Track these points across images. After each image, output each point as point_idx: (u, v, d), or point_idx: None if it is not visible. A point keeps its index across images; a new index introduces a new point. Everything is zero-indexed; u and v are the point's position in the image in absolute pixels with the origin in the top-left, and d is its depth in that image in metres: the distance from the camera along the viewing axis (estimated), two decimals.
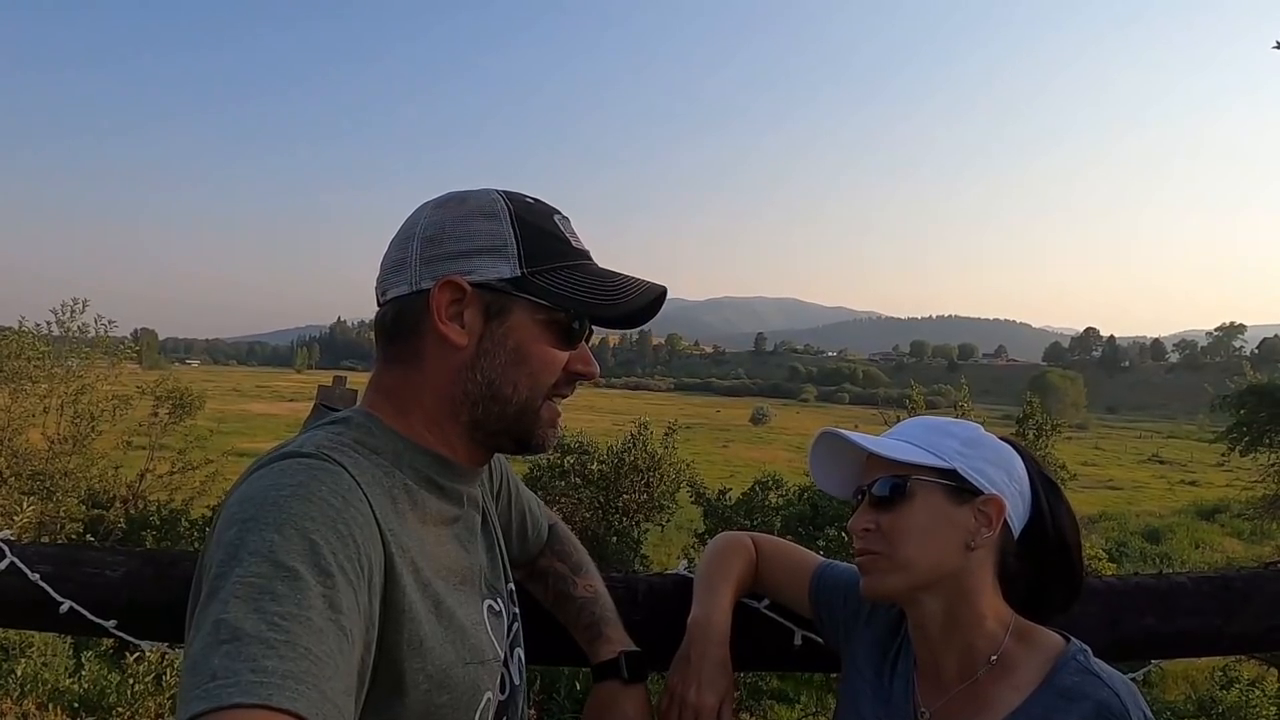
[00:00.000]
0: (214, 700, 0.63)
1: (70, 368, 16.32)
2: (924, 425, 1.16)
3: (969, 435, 1.13)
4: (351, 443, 0.93)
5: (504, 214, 0.99)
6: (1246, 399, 21.74)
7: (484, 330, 0.98)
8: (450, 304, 0.97)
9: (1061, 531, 1.13)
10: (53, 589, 1.40)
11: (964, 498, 1.08)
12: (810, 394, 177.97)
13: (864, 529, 1.12)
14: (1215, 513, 31.07)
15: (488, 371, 0.99)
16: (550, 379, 1.02)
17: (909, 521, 1.08)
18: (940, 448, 1.10)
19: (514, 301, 0.98)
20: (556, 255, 1.01)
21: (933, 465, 1.09)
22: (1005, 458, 1.12)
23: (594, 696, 1.22)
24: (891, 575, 1.09)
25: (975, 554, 1.08)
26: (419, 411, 1.00)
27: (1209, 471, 43.52)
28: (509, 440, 1.04)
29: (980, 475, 1.09)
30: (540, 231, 1.01)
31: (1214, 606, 1.38)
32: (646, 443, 15.89)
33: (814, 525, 12.29)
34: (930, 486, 1.09)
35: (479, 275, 0.97)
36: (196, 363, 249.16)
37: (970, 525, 1.07)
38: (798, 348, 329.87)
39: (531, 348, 0.99)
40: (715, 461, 40.60)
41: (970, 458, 1.10)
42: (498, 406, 1.00)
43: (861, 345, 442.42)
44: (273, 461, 0.87)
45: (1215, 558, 24.50)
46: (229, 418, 55.24)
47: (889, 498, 1.10)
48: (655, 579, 1.45)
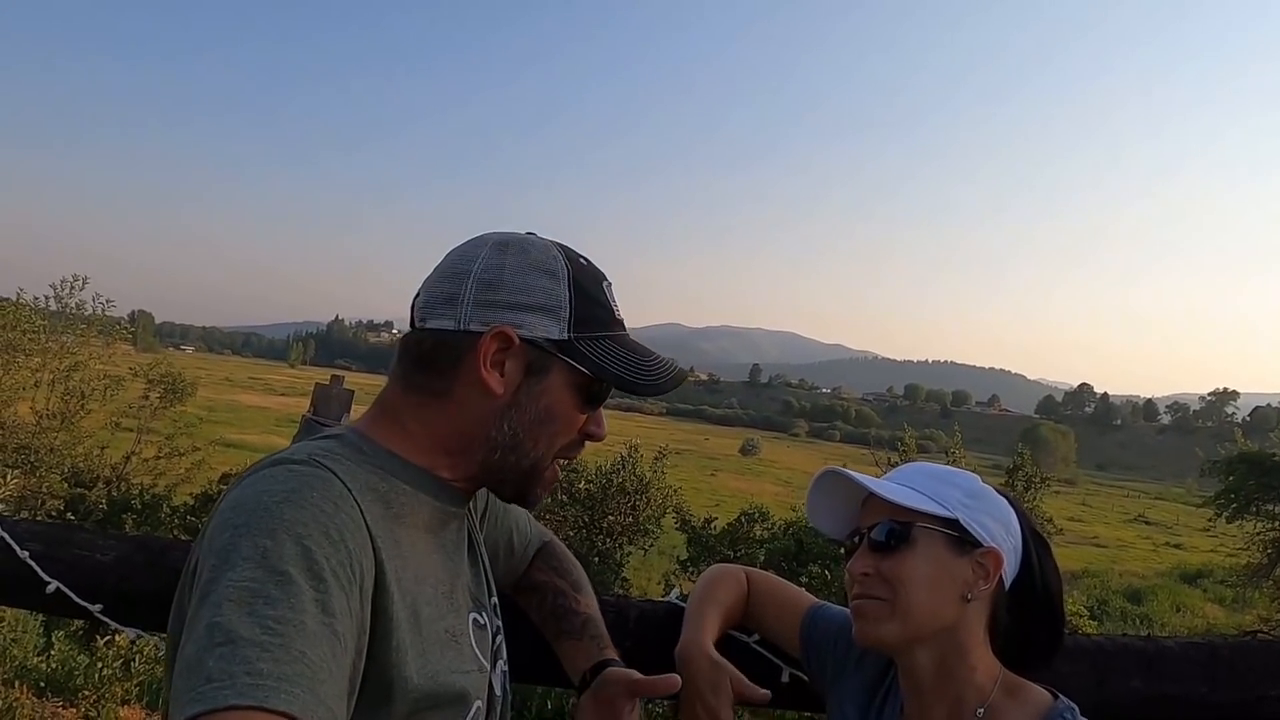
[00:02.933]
0: (209, 702, 0.63)
1: (65, 343, 16.31)
2: (927, 473, 1.14)
3: (971, 487, 1.12)
4: (346, 452, 0.94)
5: (563, 275, 1.01)
6: (1236, 466, 21.79)
7: (522, 384, 0.99)
8: (496, 352, 0.98)
9: (1048, 586, 1.13)
10: (41, 568, 1.39)
11: (964, 549, 1.07)
12: (802, 429, 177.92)
13: (863, 573, 1.10)
14: (1198, 577, 31.07)
15: (515, 424, 1.00)
16: (567, 439, 1.04)
17: (910, 569, 1.06)
18: (944, 497, 1.09)
19: (555, 362, 1.00)
20: (601, 324, 1.03)
21: (936, 514, 1.08)
22: (1003, 512, 1.12)
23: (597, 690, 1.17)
24: (889, 623, 1.07)
25: (970, 606, 1.07)
26: (426, 438, 1.01)
27: (1194, 535, 43.56)
28: (510, 489, 1.06)
29: (981, 528, 1.08)
30: (591, 299, 1.02)
31: (1200, 673, 1.37)
32: (635, 466, 15.89)
33: (798, 561, 12.27)
34: (932, 535, 1.07)
35: (529, 331, 0.98)
36: (191, 349, 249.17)
37: (969, 577, 1.07)
38: (792, 382, 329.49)
39: (559, 408, 1.01)
40: (702, 490, 40.49)
41: (973, 509, 1.09)
42: (514, 458, 1.01)
43: (856, 384, 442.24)
44: (265, 468, 0.87)
45: (1196, 622, 24.46)
46: (219, 406, 55.18)
47: (889, 543, 1.08)
48: (647, 605, 1.44)
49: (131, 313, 46.39)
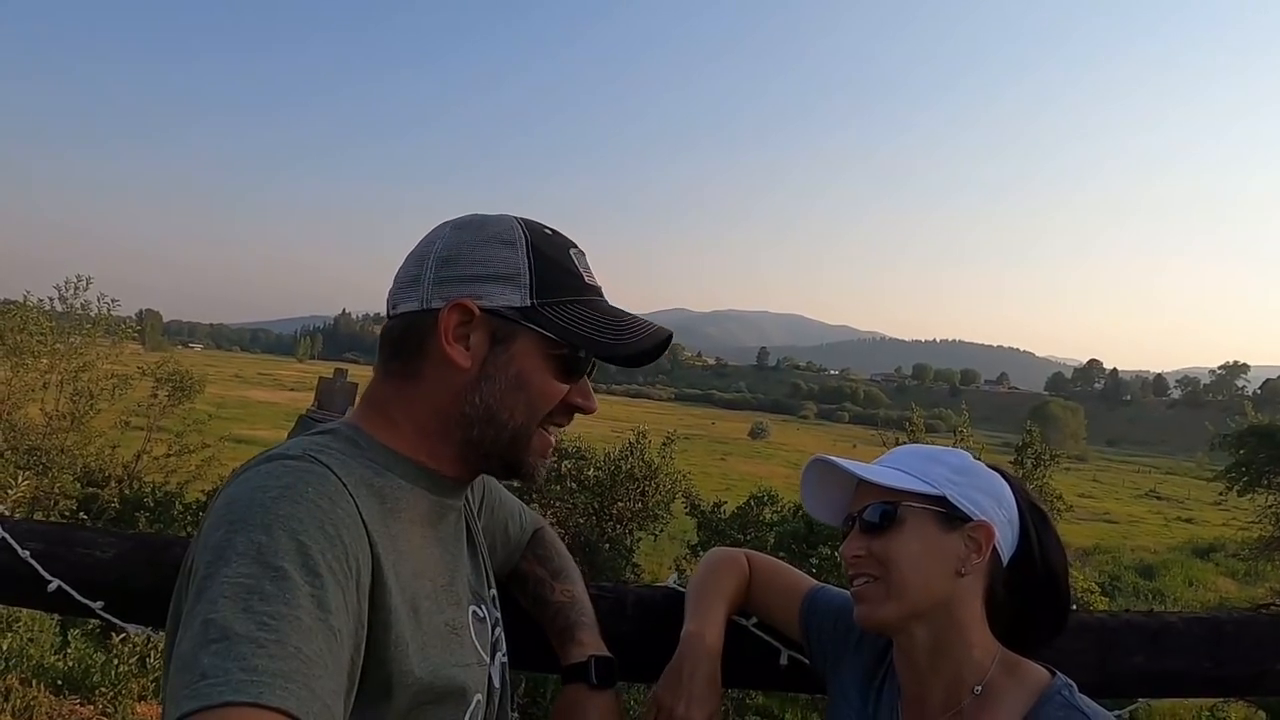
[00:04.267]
0: (204, 699, 0.63)
1: (72, 344, 16.37)
2: (915, 453, 1.16)
3: (959, 463, 1.14)
4: (340, 446, 0.94)
5: (521, 243, 1.00)
6: (1247, 439, 21.77)
7: (488, 355, 0.99)
8: (458, 326, 0.98)
9: (1049, 561, 1.12)
10: (42, 567, 1.40)
11: (954, 524, 1.08)
12: (810, 411, 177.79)
13: (855, 555, 1.12)
14: (1210, 551, 30.96)
15: (487, 396, 0.99)
16: (547, 408, 1.03)
17: (900, 547, 1.08)
18: (930, 475, 1.11)
19: (520, 330, 0.99)
20: (568, 289, 1.02)
21: (922, 492, 1.09)
22: (994, 486, 1.13)
23: (560, 700, 1.21)
24: (886, 604, 1.08)
25: (965, 581, 1.07)
26: (410, 425, 1.01)
27: (1206, 510, 43.41)
28: (500, 465, 1.05)
29: (970, 502, 1.09)
30: (554, 264, 1.02)
31: (1205, 648, 1.37)
32: (644, 451, 15.89)
33: (808, 544, 12.27)
34: (920, 513, 1.09)
35: (489, 301, 0.98)
36: (199, 346, 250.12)
37: (960, 551, 1.07)
38: (800, 364, 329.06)
39: (532, 377, 1.00)
40: (711, 474, 40.52)
41: (960, 485, 1.10)
42: (493, 431, 1.01)
43: (864, 365, 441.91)
44: (259, 464, 0.87)
45: (1209, 596, 24.42)
46: (229, 403, 55.33)
47: (879, 524, 1.10)
48: (644, 591, 1.44)
49: (139, 311, 46.56)
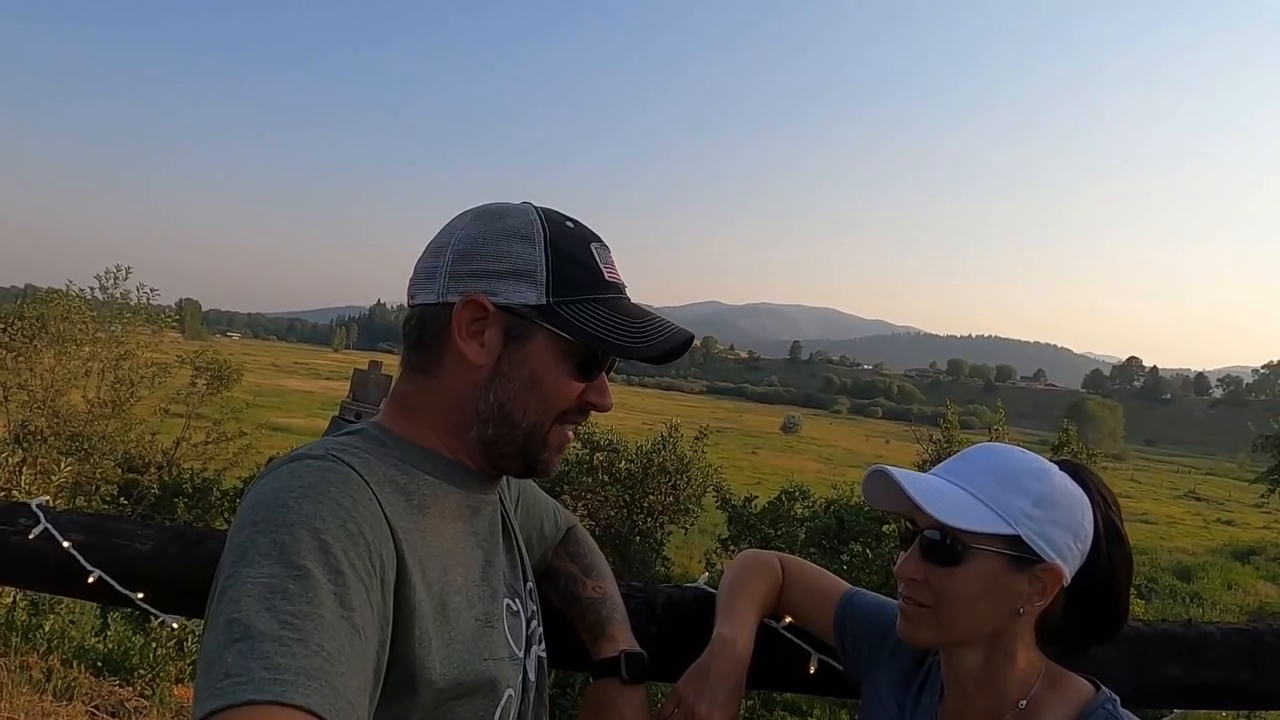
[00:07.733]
0: (228, 698, 0.64)
1: (113, 333, 16.67)
2: (995, 472, 1.04)
3: (1041, 493, 1.01)
4: (364, 446, 0.95)
5: (539, 238, 0.99)
6: None
7: (503, 353, 0.98)
8: (472, 322, 0.97)
9: (1114, 581, 1.06)
10: (83, 557, 1.43)
11: (1023, 565, 1.00)
12: (843, 406, 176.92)
13: (910, 578, 1.06)
14: (1250, 554, 30.44)
15: (500, 394, 0.99)
16: (562, 407, 1.01)
17: (960, 587, 1.01)
18: (1008, 508, 1.00)
19: (535, 329, 0.98)
20: (585, 287, 1.00)
21: (997, 533, 0.99)
22: (1074, 517, 1.02)
23: (591, 694, 1.21)
24: (931, 631, 1.05)
25: (1021, 617, 1.03)
26: (430, 419, 1.01)
27: (1246, 512, 42.62)
28: (516, 462, 1.04)
29: (1045, 541, 0.99)
30: (573, 261, 1.00)
31: (1243, 660, 1.34)
32: (676, 445, 15.87)
33: (839, 539, 12.19)
34: (989, 555, 1.00)
35: (504, 298, 0.97)
36: (237, 336, 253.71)
37: (1024, 592, 1.01)
38: (833, 359, 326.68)
39: (546, 376, 0.99)
40: (743, 468, 40.45)
41: (1038, 522, 1.00)
42: (506, 429, 1.00)
43: (898, 360, 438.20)
44: (283, 465, 0.88)
45: (1247, 600, 23.99)
46: (265, 391, 56.08)
47: (942, 557, 1.02)
48: (675, 591, 1.44)
49: (179, 301, 47.34)
